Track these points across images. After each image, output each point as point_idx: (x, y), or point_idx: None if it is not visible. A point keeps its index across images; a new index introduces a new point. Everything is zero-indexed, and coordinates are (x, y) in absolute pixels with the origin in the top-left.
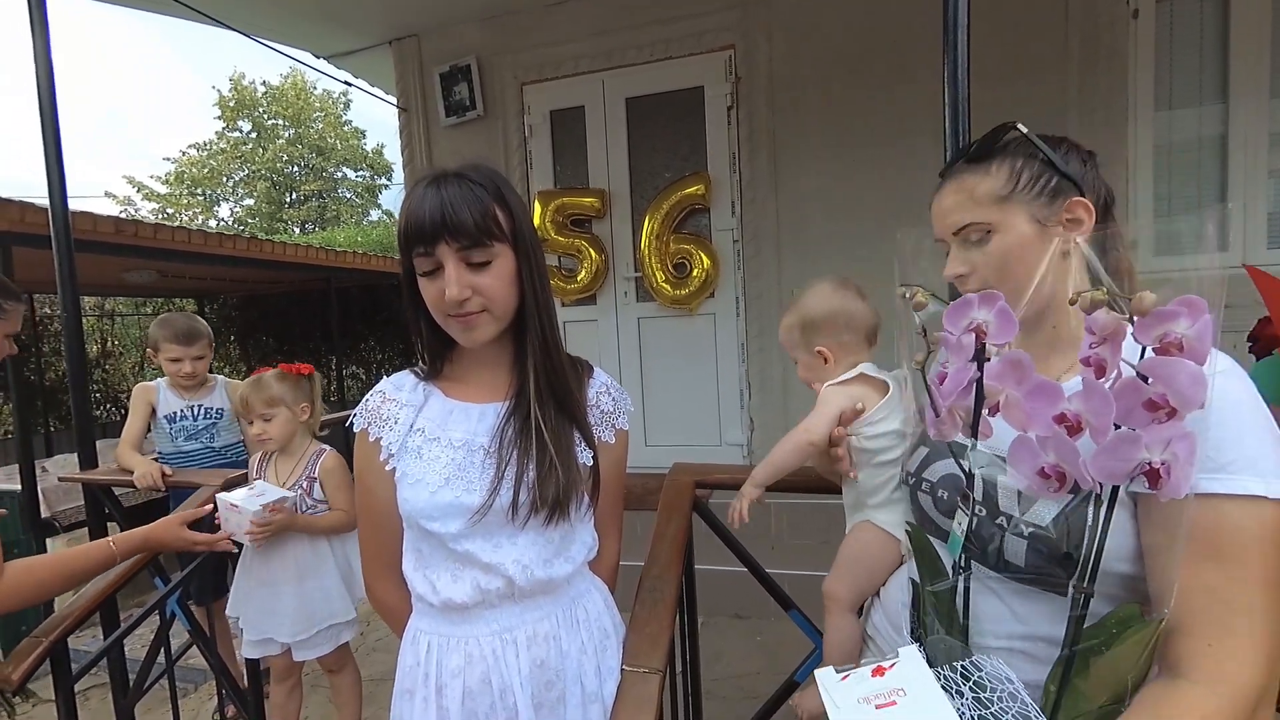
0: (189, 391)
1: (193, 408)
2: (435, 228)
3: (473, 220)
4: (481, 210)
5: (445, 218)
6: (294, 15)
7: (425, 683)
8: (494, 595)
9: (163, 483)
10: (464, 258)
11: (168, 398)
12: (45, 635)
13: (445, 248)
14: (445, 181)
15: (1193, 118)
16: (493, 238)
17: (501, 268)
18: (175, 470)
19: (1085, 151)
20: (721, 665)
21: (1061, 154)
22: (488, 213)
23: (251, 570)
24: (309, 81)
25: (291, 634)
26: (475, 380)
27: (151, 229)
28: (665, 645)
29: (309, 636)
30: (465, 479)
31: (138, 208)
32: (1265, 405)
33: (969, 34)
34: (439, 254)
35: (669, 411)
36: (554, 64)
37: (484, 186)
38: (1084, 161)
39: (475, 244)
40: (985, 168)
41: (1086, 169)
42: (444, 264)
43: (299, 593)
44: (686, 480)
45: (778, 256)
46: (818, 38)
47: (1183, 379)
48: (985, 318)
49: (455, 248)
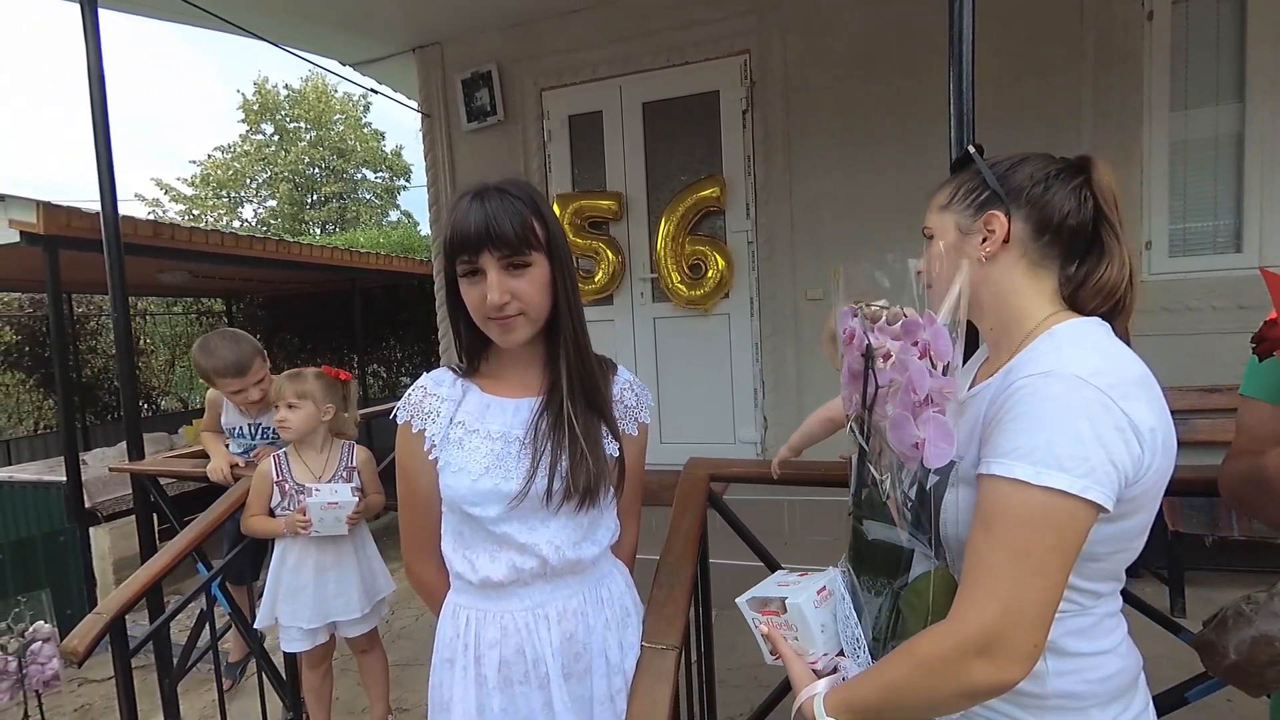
0: (256, 410)
1: (252, 426)
2: (480, 238)
3: (513, 231)
4: (521, 222)
5: (489, 229)
6: (322, 25)
7: (465, 653)
8: (528, 574)
9: (232, 479)
10: (505, 265)
11: (229, 411)
12: (106, 612)
13: (488, 256)
14: (488, 195)
15: (1209, 118)
16: (530, 247)
17: (537, 275)
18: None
19: (1052, 171)
20: (735, 655)
21: (1004, 170)
22: (526, 224)
23: (301, 566)
24: (329, 85)
25: (359, 608)
26: (509, 377)
27: (186, 232)
28: (680, 625)
29: (371, 609)
30: (503, 468)
31: (165, 209)
32: (1090, 407)
33: (974, 46)
34: (482, 262)
35: (684, 410)
36: (573, 70)
37: (522, 200)
38: (1039, 179)
39: (515, 253)
40: (947, 181)
41: (1033, 186)
42: (486, 271)
43: (359, 570)
44: (702, 474)
45: (792, 257)
46: (831, 40)
47: (912, 373)
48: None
49: (497, 256)
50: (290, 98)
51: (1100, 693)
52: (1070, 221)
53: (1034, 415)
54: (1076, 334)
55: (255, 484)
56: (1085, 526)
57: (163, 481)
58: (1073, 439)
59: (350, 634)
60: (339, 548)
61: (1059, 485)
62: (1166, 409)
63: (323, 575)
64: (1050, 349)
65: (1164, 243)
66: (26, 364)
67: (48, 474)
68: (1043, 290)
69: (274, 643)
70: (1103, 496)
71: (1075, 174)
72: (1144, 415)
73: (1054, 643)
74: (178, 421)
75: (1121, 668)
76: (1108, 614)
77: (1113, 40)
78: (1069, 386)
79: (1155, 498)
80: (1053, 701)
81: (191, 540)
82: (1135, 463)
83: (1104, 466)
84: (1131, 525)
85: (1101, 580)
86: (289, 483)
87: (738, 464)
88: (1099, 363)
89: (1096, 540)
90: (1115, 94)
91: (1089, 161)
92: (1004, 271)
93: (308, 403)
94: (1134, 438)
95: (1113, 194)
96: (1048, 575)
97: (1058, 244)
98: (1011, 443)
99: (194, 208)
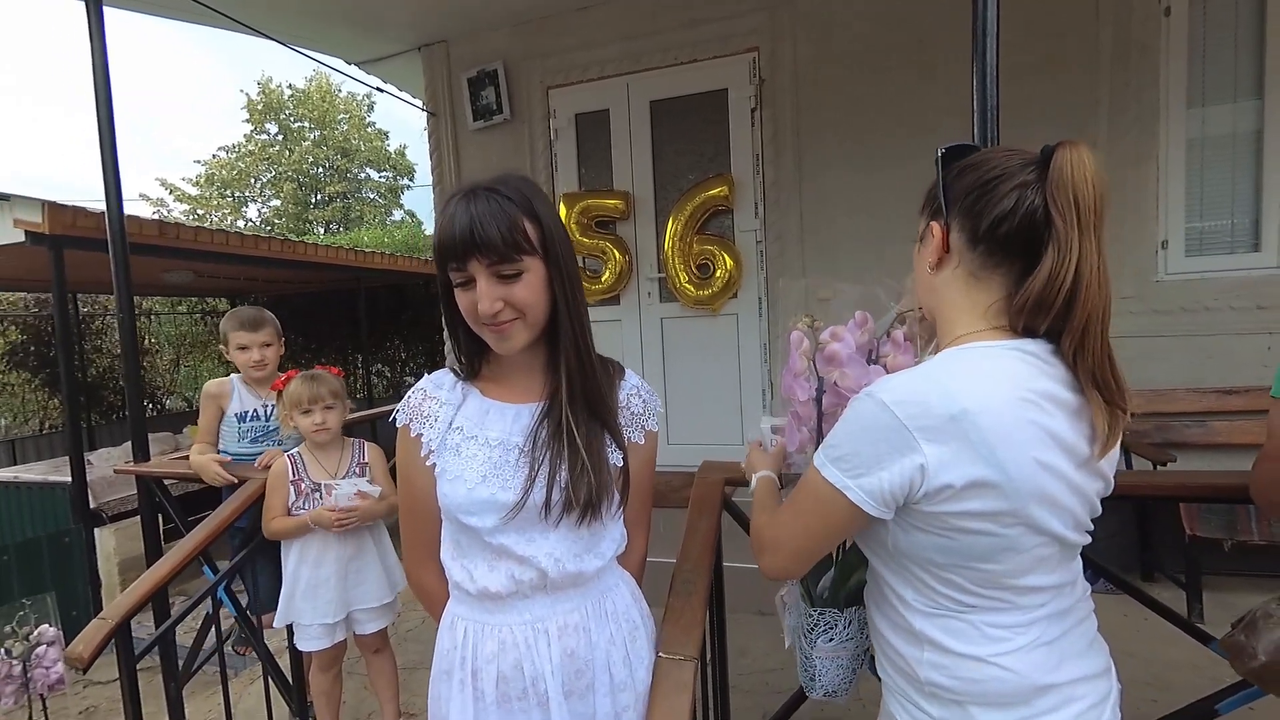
0: (261, 386)
1: (266, 407)
2: (465, 244)
3: (500, 236)
4: (510, 225)
5: (475, 234)
6: (328, 23)
7: (462, 666)
8: (527, 586)
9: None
10: (494, 272)
11: (241, 395)
12: (111, 618)
13: (476, 263)
14: (476, 197)
15: (1227, 114)
16: (521, 251)
17: (532, 279)
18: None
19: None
20: (747, 660)
21: (953, 175)
22: (516, 227)
23: (323, 560)
24: (334, 84)
25: (378, 598)
26: (510, 382)
27: (192, 231)
28: (699, 634)
29: (392, 599)
30: (501, 477)
31: (170, 209)
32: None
33: (998, 40)
34: (470, 269)
35: (692, 411)
36: (579, 68)
37: (513, 200)
38: (977, 185)
39: (504, 259)
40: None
41: (968, 194)
42: (476, 278)
43: (380, 558)
44: (717, 478)
45: (801, 257)
46: (841, 38)
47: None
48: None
49: (485, 263)
50: (294, 97)
51: (974, 694)
52: (1000, 229)
53: (843, 420)
54: (948, 357)
55: (273, 485)
56: (843, 511)
57: (167, 482)
58: (854, 449)
59: (367, 629)
60: (360, 539)
61: (829, 478)
62: (1009, 443)
63: (344, 566)
64: (910, 370)
65: (1180, 242)
66: (32, 364)
67: (53, 474)
68: (975, 304)
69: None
70: (860, 500)
71: (1026, 171)
72: (941, 451)
73: (929, 635)
74: (183, 421)
75: (1000, 676)
76: (990, 624)
77: (1130, 35)
78: (869, 407)
79: (991, 525)
80: (927, 689)
81: (198, 545)
82: (909, 488)
83: (870, 479)
84: (968, 545)
85: (961, 591)
86: (305, 482)
87: None
88: (919, 390)
89: (930, 549)
90: (1131, 90)
91: (1050, 152)
92: (945, 282)
93: (340, 403)
94: (915, 469)
95: (1070, 189)
96: (805, 529)
97: (995, 253)
98: (829, 437)
99: (199, 207)
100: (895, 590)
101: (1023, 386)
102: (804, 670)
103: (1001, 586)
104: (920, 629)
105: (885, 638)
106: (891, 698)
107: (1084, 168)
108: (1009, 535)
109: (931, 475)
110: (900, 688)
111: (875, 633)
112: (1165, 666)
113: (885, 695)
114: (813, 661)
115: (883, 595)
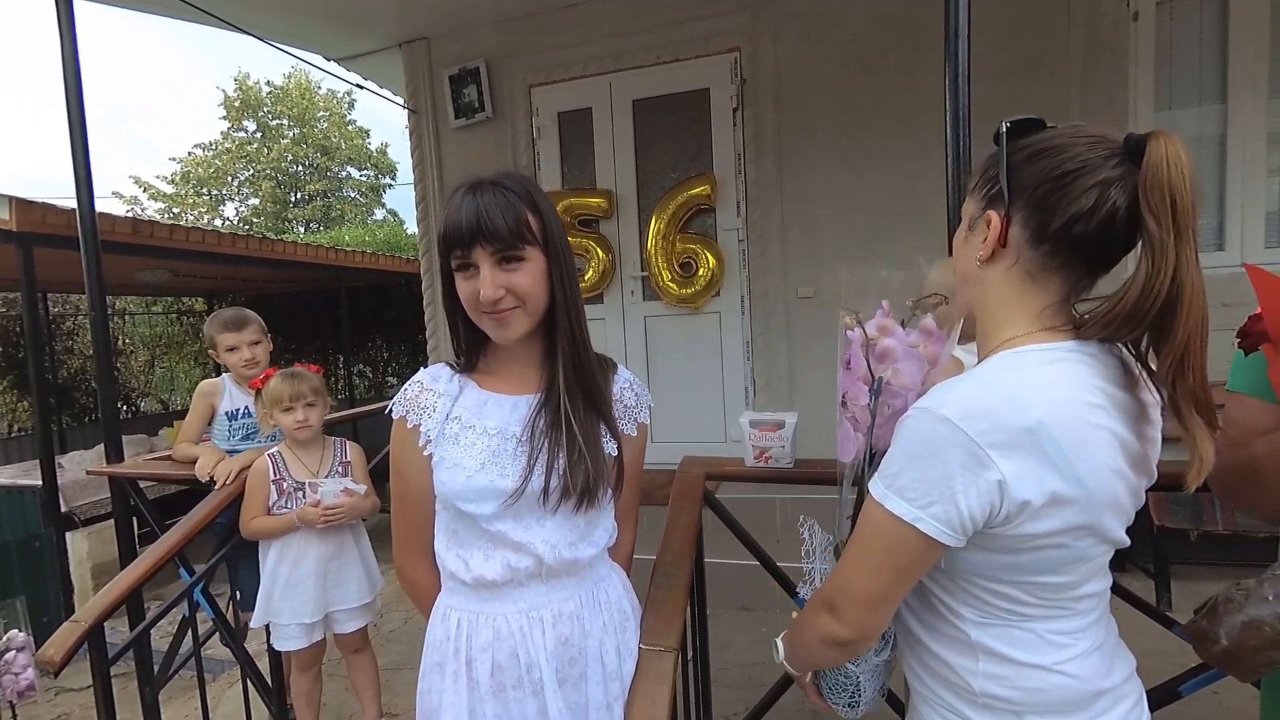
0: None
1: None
2: (472, 233)
3: (506, 226)
4: (515, 216)
5: (481, 223)
6: (306, 19)
7: (455, 656)
8: (523, 574)
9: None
10: (498, 260)
11: (232, 394)
12: (84, 620)
13: (481, 251)
14: (481, 189)
15: (1192, 117)
16: (524, 241)
17: (533, 268)
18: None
19: (1078, 163)
20: (729, 654)
21: (1023, 158)
22: (520, 218)
23: (303, 560)
24: (313, 81)
25: (359, 597)
26: (508, 373)
27: (167, 229)
28: (679, 626)
29: (372, 600)
30: (500, 465)
31: (144, 207)
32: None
33: (970, 42)
34: (475, 256)
35: (675, 409)
36: (562, 66)
37: (517, 193)
38: (1051, 175)
39: (509, 247)
40: (987, 156)
41: (1040, 184)
42: (480, 265)
43: (360, 557)
44: (698, 473)
45: (783, 255)
46: (822, 38)
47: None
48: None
49: (490, 251)
50: (273, 94)
51: (1035, 703)
52: (1075, 229)
53: (900, 444)
54: (1005, 364)
55: (253, 484)
56: (916, 549)
57: (143, 485)
58: (920, 475)
59: (347, 628)
60: (340, 537)
61: (894, 510)
62: (1083, 453)
63: (325, 566)
64: (964, 378)
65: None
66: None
67: (22, 478)
68: (1029, 307)
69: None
70: (936, 531)
71: (1110, 165)
72: (1017, 466)
73: (986, 645)
74: (158, 423)
75: (1064, 684)
76: (1052, 631)
77: (1101, 38)
78: (933, 427)
79: (1060, 539)
80: (981, 700)
81: (174, 545)
82: (987, 510)
83: (944, 506)
84: (1033, 561)
85: (1020, 603)
86: (287, 481)
87: (732, 462)
88: (986, 402)
89: (991, 567)
90: (1103, 92)
91: (1144, 143)
92: (997, 277)
93: (321, 399)
94: (993, 488)
95: (1166, 188)
96: (876, 574)
97: (1060, 254)
98: (884, 464)
99: (174, 205)
100: (944, 602)
101: (1089, 391)
102: (842, 691)
103: (1063, 595)
104: (977, 639)
105: (927, 648)
106: (930, 709)
107: (1180, 165)
108: (1079, 547)
109: (1011, 492)
110: (942, 699)
111: (911, 641)
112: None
113: (919, 706)
114: (857, 679)
115: (927, 606)
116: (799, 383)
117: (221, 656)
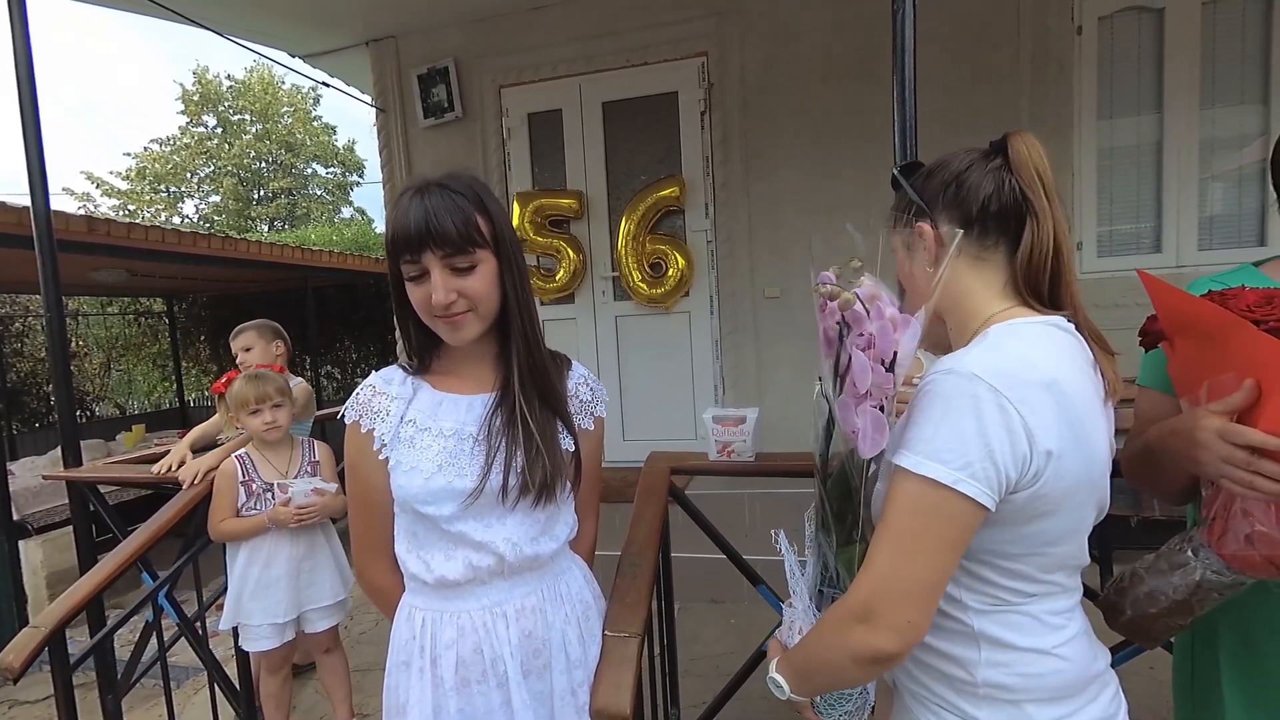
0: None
1: None
2: (420, 237)
3: (455, 229)
4: (464, 219)
5: (430, 227)
6: (269, 15)
7: (421, 654)
8: (485, 572)
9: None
10: (448, 264)
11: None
12: (44, 626)
13: (430, 255)
14: (429, 192)
15: (1132, 126)
16: (475, 244)
17: (484, 271)
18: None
19: (964, 165)
20: (698, 646)
21: (921, 181)
22: (469, 221)
23: (274, 560)
24: (277, 76)
25: (332, 595)
26: (462, 374)
27: (124, 228)
28: (643, 613)
29: (345, 597)
30: (457, 465)
31: (97, 204)
32: (979, 404)
33: (915, 56)
34: (425, 261)
35: (646, 407)
36: (532, 68)
37: (465, 195)
38: (950, 179)
39: (458, 251)
40: (892, 206)
41: (945, 189)
42: (430, 270)
43: (332, 555)
44: (663, 466)
45: (750, 256)
46: (788, 44)
47: (854, 368)
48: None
49: (440, 255)
50: (233, 89)
51: (1034, 689)
52: (991, 206)
53: (927, 409)
54: (1005, 333)
55: (221, 486)
56: (959, 516)
57: (103, 490)
58: (955, 434)
59: (319, 627)
60: (312, 537)
61: (933, 475)
62: (1084, 413)
63: (298, 565)
64: (969, 350)
65: (1093, 243)
66: None
67: None
68: (989, 284)
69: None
70: (977, 491)
71: (989, 160)
72: (1040, 419)
73: (986, 633)
74: (115, 428)
75: (1060, 668)
76: (1048, 612)
77: (1048, 51)
78: (962, 383)
79: (1070, 503)
80: (983, 690)
81: (138, 548)
82: (1020, 464)
83: (982, 463)
84: (1045, 529)
85: (1026, 580)
86: (256, 482)
87: (697, 456)
88: (1003, 362)
89: (1005, 540)
90: (1050, 102)
91: (1005, 140)
92: (952, 275)
93: (286, 400)
94: (1024, 439)
95: (1031, 166)
96: (921, 557)
97: (990, 232)
98: (909, 434)
99: (129, 202)
100: (947, 594)
101: (1076, 356)
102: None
103: (1063, 568)
104: (980, 629)
105: (925, 644)
106: (924, 708)
107: (1037, 150)
108: (1082, 514)
109: (1038, 439)
110: (938, 695)
111: None
112: None
113: (911, 706)
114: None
115: None
116: (767, 380)
117: (186, 664)
